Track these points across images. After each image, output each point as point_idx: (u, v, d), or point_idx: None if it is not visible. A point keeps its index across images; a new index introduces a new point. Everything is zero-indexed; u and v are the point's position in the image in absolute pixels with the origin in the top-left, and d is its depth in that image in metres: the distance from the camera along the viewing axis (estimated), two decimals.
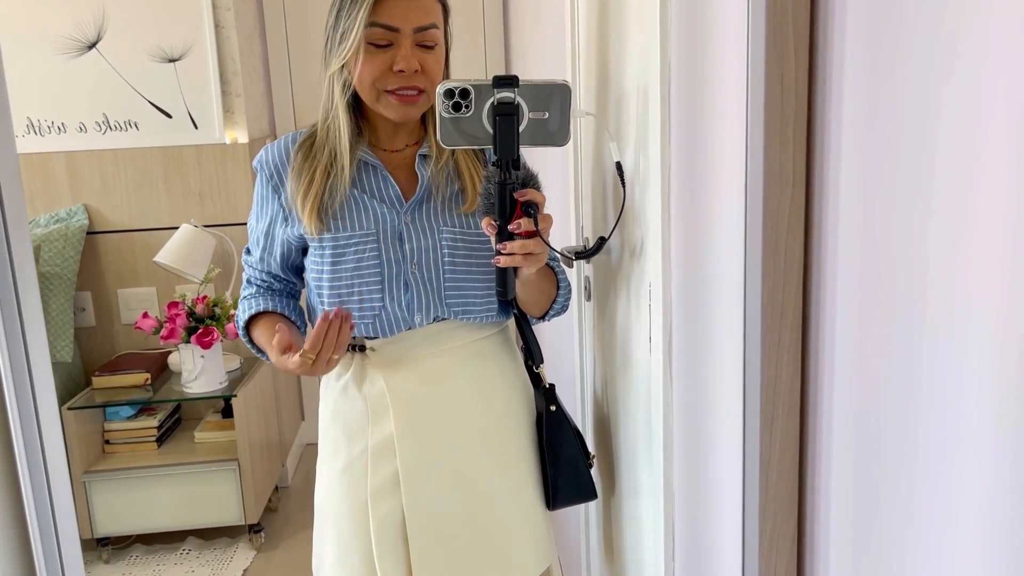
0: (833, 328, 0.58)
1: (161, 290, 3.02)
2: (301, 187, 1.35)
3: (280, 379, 3.23)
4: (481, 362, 1.41)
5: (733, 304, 0.74)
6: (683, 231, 0.93)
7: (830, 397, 0.59)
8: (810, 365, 0.61)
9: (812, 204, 0.60)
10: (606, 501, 1.58)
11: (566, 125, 1.13)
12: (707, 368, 0.85)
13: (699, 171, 0.85)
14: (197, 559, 2.77)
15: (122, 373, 2.79)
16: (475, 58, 3.47)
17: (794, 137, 0.58)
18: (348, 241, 1.34)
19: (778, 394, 0.61)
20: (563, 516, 2.30)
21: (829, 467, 0.60)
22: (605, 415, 1.56)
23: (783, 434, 0.62)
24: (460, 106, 1.11)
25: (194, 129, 2.99)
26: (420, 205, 1.35)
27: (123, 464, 2.72)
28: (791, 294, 0.60)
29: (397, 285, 1.34)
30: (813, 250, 0.60)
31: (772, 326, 0.60)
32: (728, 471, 0.78)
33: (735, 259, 0.72)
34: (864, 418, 0.56)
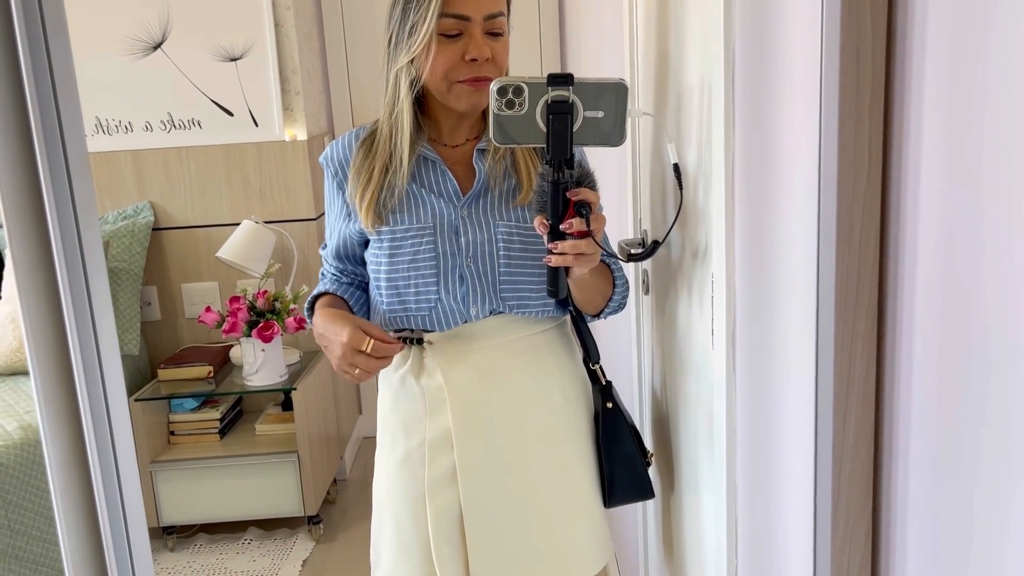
0: (912, 318, 0.56)
1: (223, 285, 3.08)
2: (360, 183, 1.37)
3: (338, 374, 3.27)
4: (538, 356, 1.40)
5: (801, 293, 0.71)
6: (747, 221, 0.91)
7: (908, 389, 0.56)
8: (886, 355, 0.59)
9: (889, 188, 0.57)
10: (665, 499, 1.56)
11: (622, 125, 1.11)
12: (772, 360, 0.82)
13: (765, 159, 0.83)
14: (258, 549, 2.82)
15: (186, 366, 2.86)
16: (531, 55, 3.46)
17: (870, 117, 0.56)
18: (405, 234, 1.35)
19: (852, 384, 0.58)
20: (620, 513, 2.27)
21: (907, 462, 0.57)
22: (664, 411, 1.53)
23: (857, 426, 0.59)
24: (513, 104, 1.10)
25: (255, 127, 3.04)
26: (477, 199, 1.36)
27: (187, 455, 2.79)
28: (866, 280, 0.57)
29: (453, 278, 1.34)
30: (890, 235, 0.57)
31: (846, 313, 0.57)
32: (795, 466, 0.75)
33: (804, 247, 0.70)
34: (945, 412, 0.53)
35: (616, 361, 2.10)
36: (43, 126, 0.55)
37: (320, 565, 2.72)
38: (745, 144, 0.90)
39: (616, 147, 1.13)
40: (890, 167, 0.57)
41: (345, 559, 2.74)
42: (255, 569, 2.70)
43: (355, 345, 1.26)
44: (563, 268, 1.18)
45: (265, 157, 3.03)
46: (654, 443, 1.61)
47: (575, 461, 1.40)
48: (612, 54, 1.94)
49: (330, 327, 1.32)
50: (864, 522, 0.61)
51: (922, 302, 0.55)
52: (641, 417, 1.71)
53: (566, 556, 1.38)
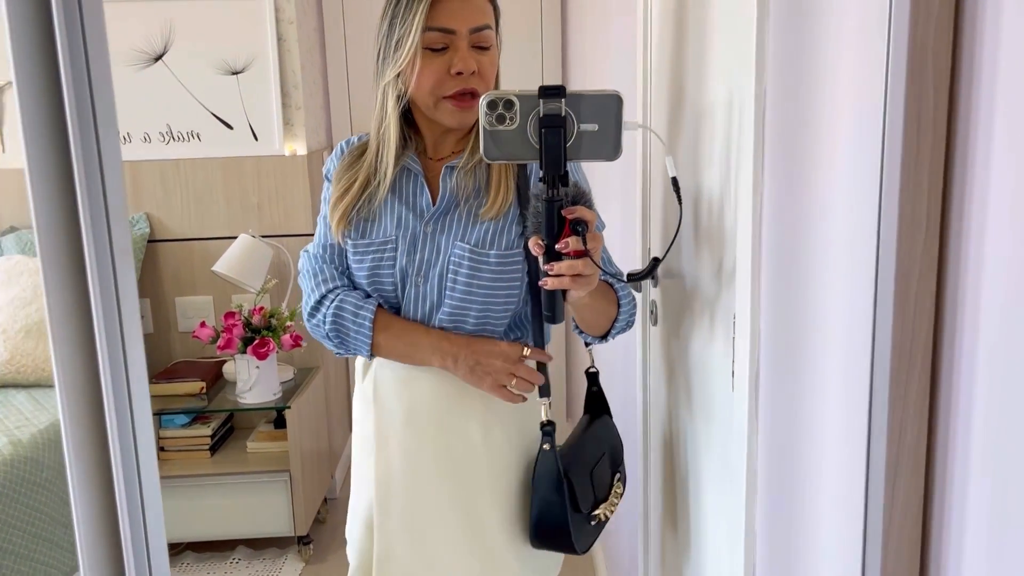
0: (971, 386, 0.54)
1: (218, 299, 3.05)
2: (339, 190, 1.39)
3: (332, 391, 3.24)
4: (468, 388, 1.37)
5: (838, 346, 0.69)
6: (776, 259, 0.89)
7: (965, 459, 0.55)
8: (939, 425, 0.57)
9: (947, 246, 0.55)
10: (670, 542, 1.54)
11: (617, 138, 1.07)
12: (801, 408, 0.80)
13: (798, 197, 0.81)
14: (247, 568, 2.78)
15: (178, 381, 2.82)
16: (532, 69, 3.45)
17: (930, 172, 0.54)
18: (367, 248, 1.36)
19: (903, 448, 0.57)
20: (617, 553, 2.25)
21: (961, 539, 0.55)
22: (672, 448, 1.51)
23: (906, 493, 0.57)
24: (504, 118, 1.06)
25: (254, 141, 3.01)
26: (443, 216, 1.35)
27: (177, 471, 2.74)
28: (920, 343, 0.55)
29: (411, 295, 1.35)
30: (947, 298, 0.55)
31: (899, 377, 0.55)
32: (826, 527, 0.73)
33: (844, 299, 0.68)
34: (998, 482, 0.51)
35: (618, 392, 2.08)
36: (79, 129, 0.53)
37: None
38: (776, 160, 0.88)
39: (611, 161, 1.10)
40: (949, 223, 0.55)
41: None
42: None
43: (517, 353, 1.32)
44: (560, 292, 1.14)
45: (264, 171, 3.01)
46: (662, 480, 1.58)
47: (483, 497, 1.37)
48: (622, 68, 1.93)
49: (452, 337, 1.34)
50: None
51: (984, 372, 0.53)
52: (646, 448, 1.69)
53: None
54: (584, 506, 1.34)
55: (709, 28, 1.20)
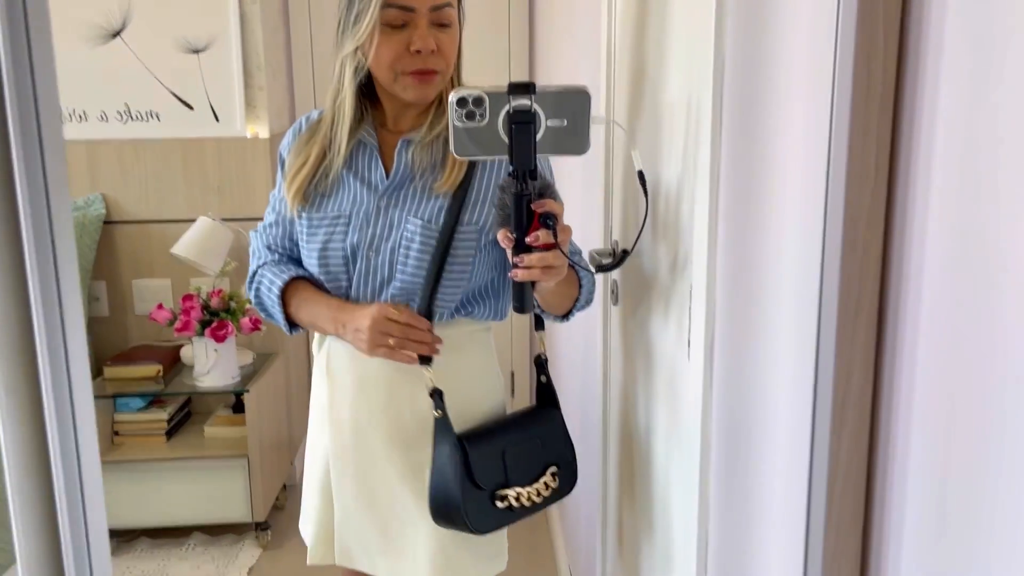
0: (916, 331, 0.55)
1: (176, 283, 3.00)
2: (296, 165, 1.39)
3: (292, 377, 3.21)
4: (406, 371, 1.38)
5: (790, 303, 0.70)
6: (731, 232, 0.90)
7: (908, 407, 0.56)
8: (884, 369, 0.58)
9: (895, 199, 0.56)
10: (631, 516, 1.55)
11: (585, 133, 1.08)
12: (754, 372, 0.81)
13: (754, 170, 0.82)
14: (203, 555, 2.74)
15: (134, 364, 2.77)
16: (499, 65, 3.45)
17: (879, 128, 0.55)
18: (320, 222, 1.36)
19: (848, 396, 0.57)
20: (573, 512, 2.26)
21: (904, 481, 0.56)
22: (632, 423, 1.52)
23: (851, 442, 0.58)
24: (474, 115, 1.06)
25: (215, 122, 2.97)
26: (397, 190, 1.35)
27: (132, 456, 2.69)
28: (867, 291, 0.56)
29: (361, 269, 1.35)
30: (893, 248, 0.56)
31: (846, 324, 0.56)
32: (776, 481, 0.74)
33: (795, 256, 0.69)
34: (945, 430, 0.52)
35: (579, 373, 2.09)
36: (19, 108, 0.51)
37: (267, 573, 2.65)
38: (732, 153, 0.89)
39: (580, 156, 1.11)
40: (896, 179, 0.56)
41: (292, 567, 2.67)
42: (199, 575, 2.62)
43: (385, 312, 1.30)
44: (529, 283, 1.14)
45: (225, 153, 2.96)
46: (619, 458, 1.59)
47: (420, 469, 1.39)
48: (588, 65, 1.94)
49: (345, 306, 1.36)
50: (854, 542, 0.60)
51: (926, 316, 0.54)
52: (606, 430, 1.70)
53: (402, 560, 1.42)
54: (484, 482, 1.30)
55: (669, 27, 1.22)
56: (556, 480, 1.39)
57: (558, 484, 1.40)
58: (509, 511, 1.34)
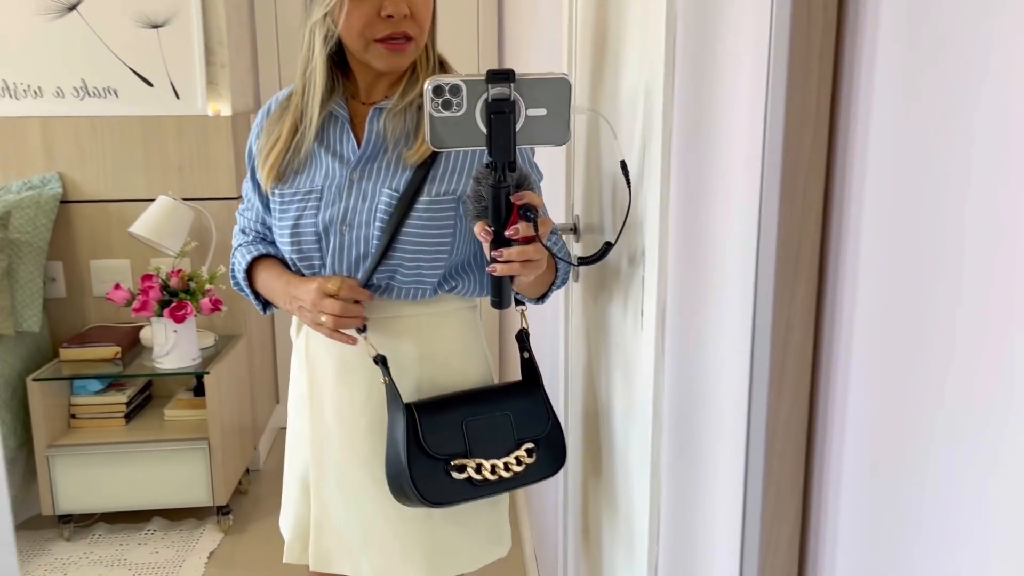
0: (854, 286, 0.53)
1: (135, 263, 2.94)
2: (270, 141, 1.35)
3: (256, 360, 3.16)
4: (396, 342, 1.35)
5: (738, 264, 0.69)
6: (683, 204, 0.88)
7: (847, 361, 0.54)
8: (825, 325, 0.56)
9: (835, 150, 0.55)
10: (591, 488, 1.54)
11: (566, 122, 1.04)
12: (705, 336, 0.80)
13: (701, 145, 0.80)
14: (162, 540, 2.70)
15: (91, 346, 2.71)
16: (467, 52, 3.41)
17: (819, 76, 0.53)
18: (292, 198, 1.32)
19: (788, 352, 0.56)
20: (538, 496, 2.25)
21: (842, 438, 0.55)
22: (593, 399, 1.51)
23: (791, 397, 0.57)
24: (451, 104, 1.00)
25: (176, 99, 2.91)
26: (370, 162, 1.31)
27: (89, 439, 2.64)
28: (807, 244, 0.55)
29: (335, 246, 1.31)
30: (834, 203, 0.55)
31: (786, 278, 0.55)
32: (724, 439, 0.73)
33: (743, 214, 0.67)
34: (884, 386, 0.51)
35: (549, 349, 2.07)
36: None
37: (228, 557, 2.61)
38: (683, 131, 0.87)
39: (560, 146, 1.08)
40: (837, 128, 0.54)
41: (255, 551, 2.63)
42: (157, 561, 2.58)
43: (323, 287, 1.27)
44: (508, 277, 1.09)
45: (186, 131, 2.90)
46: (583, 436, 1.58)
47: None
48: (551, 53, 1.91)
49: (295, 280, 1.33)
50: (795, 497, 0.58)
51: (865, 271, 0.52)
52: (567, 408, 1.68)
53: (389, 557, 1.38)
54: (436, 449, 1.26)
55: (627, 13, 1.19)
56: (532, 457, 1.34)
57: (536, 461, 1.34)
58: (470, 484, 1.29)
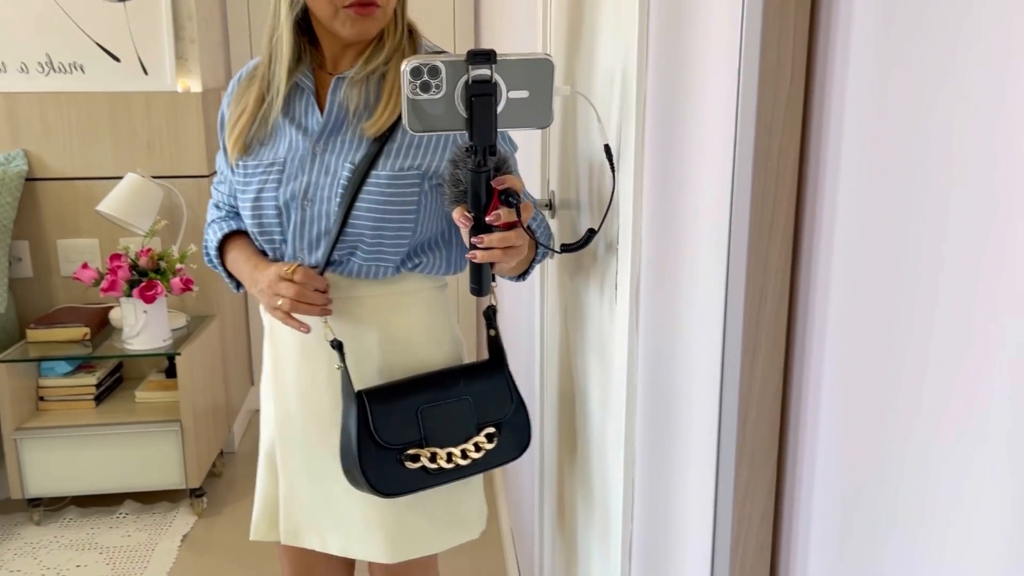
0: (830, 251, 0.52)
1: (104, 243, 2.88)
2: (235, 115, 1.32)
3: (229, 341, 3.12)
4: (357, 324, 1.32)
5: (712, 236, 0.67)
6: (658, 177, 0.86)
7: (822, 329, 0.52)
8: (799, 292, 0.54)
9: (810, 118, 0.52)
10: (565, 467, 1.52)
11: (548, 104, 1.00)
12: (679, 314, 0.78)
13: (675, 114, 0.78)
14: (135, 523, 2.66)
15: (59, 327, 2.66)
16: (444, 27, 3.36)
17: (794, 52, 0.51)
18: (255, 171, 1.29)
19: (762, 319, 0.54)
20: (515, 476, 2.24)
21: (817, 410, 0.53)
22: (569, 377, 1.49)
23: (765, 365, 0.55)
24: (429, 86, 0.96)
25: (144, 75, 2.84)
26: (333, 135, 1.27)
27: (58, 422, 2.59)
28: (782, 204, 0.53)
29: (296, 221, 1.28)
30: (810, 160, 0.53)
31: (760, 244, 0.53)
32: (698, 411, 0.71)
33: (716, 187, 0.65)
34: (858, 351, 0.49)
35: (525, 328, 2.05)
36: None
37: (202, 540, 2.58)
38: (657, 98, 0.85)
39: (542, 129, 1.04)
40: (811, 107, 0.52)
41: (230, 534, 2.61)
42: (129, 544, 2.54)
43: (280, 271, 1.24)
44: (488, 264, 1.06)
45: (155, 108, 2.84)
46: (558, 415, 1.56)
47: None
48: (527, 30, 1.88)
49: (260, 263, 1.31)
50: (768, 470, 0.57)
51: (841, 240, 0.51)
52: (543, 385, 1.67)
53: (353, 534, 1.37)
54: (389, 439, 1.24)
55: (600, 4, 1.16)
56: (493, 442, 1.31)
57: (497, 445, 1.31)
58: (424, 473, 1.26)
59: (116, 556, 2.48)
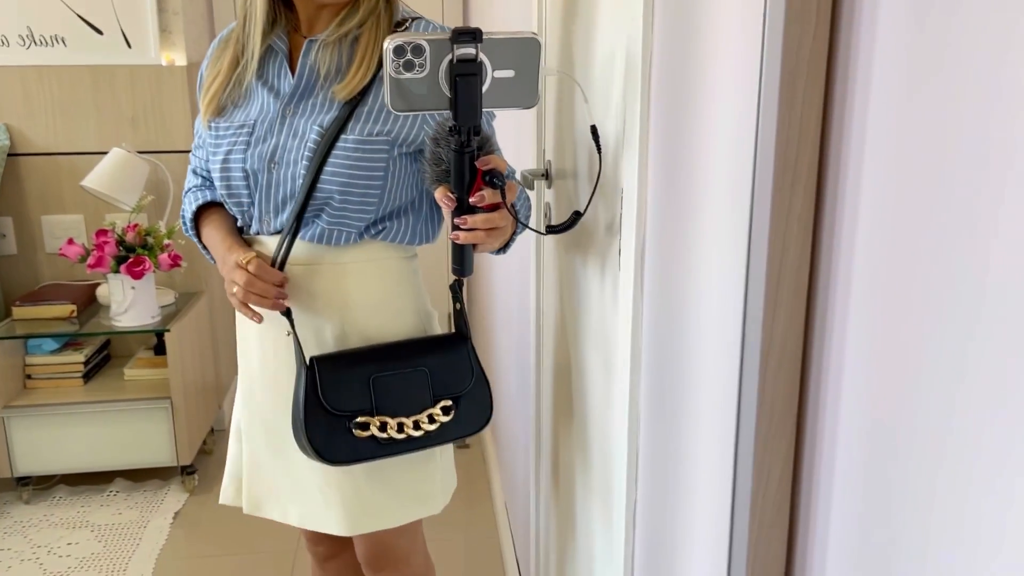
0: (856, 202, 0.51)
1: (89, 219, 2.84)
2: (209, 78, 1.31)
3: (218, 318, 3.09)
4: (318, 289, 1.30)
5: (729, 182, 0.65)
6: (664, 120, 0.85)
7: (847, 281, 0.51)
8: (823, 244, 0.53)
9: (837, 48, 0.51)
10: (561, 435, 1.52)
11: (534, 84, 0.98)
12: (689, 271, 0.77)
13: (687, 50, 0.77)
14: (125, 500, 2.64)
15: (45, 304, 2.62)
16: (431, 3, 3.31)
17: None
18: (225, 132, 1.28)
19: (784, 272, 0.53)
20: (509, 449, 2.24)
21: (840, 363, 0.52)
22: (567, 346, 1.48)
23: (786, 320, 0.54)
24: (413, 65, 0.93)
25: (127, 48, 2.79)
26: (303, 98, 1.26)
27: (46, 400, 2.57)
28: (806, 153, 0.52)
29: (263, 184, 1.27)
30: (835, 107, 0.52)
31: (782, 191, 0.51)
32: (711, 370, 0.70)
33: (733, 131, 0.64)
34: (883, 306, 0.48)
35: (516, 297, 2.04)
36: None
37: (194, 517, 2.57)
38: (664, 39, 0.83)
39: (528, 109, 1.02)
40: (839, 23, 0.51)
41: (221, 511, 2.59)
42: (121, 522, 2.53)
43: (238, 259, 1.23)
44: (471, 244, 1.05)
45: (139, 82, 2.79)
46: (554, 384, 1.56)
47: None
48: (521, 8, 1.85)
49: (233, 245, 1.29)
50: (789, 422, 0.56)
51: (868, 183, 0.50)
52: (539, 354, 1.66)
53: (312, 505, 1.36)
54: (336, 405, 1.23)
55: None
56: (449, 415, 1.29)
57: (454, 418, 1.30)
58: (374, 443, 1.25)
59: (108, 534, 2.46)
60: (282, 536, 2.42)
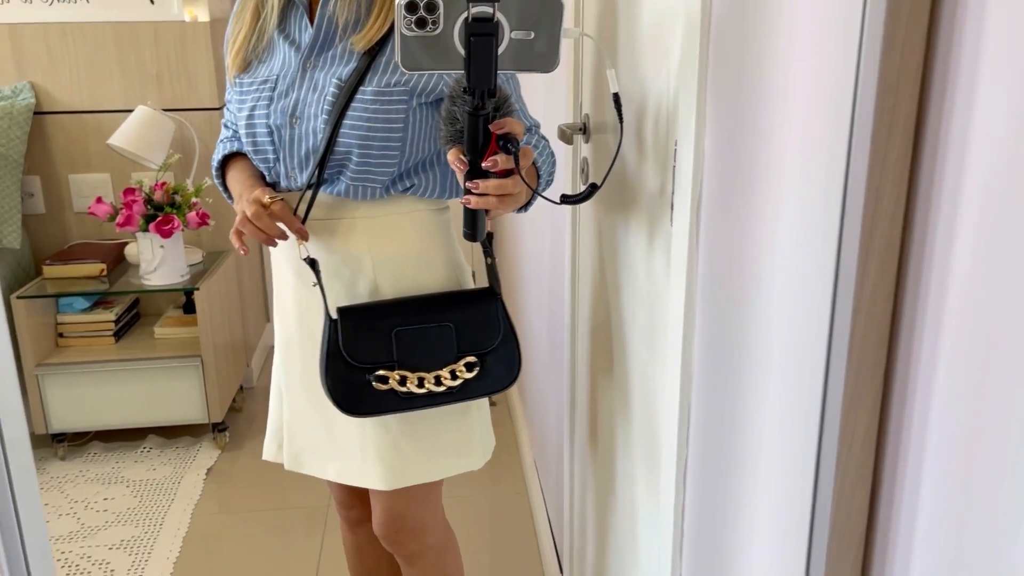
0: (962, 150, 0.48)
1: (116, 177, 2.83)
2: (234, 32, 1.31)
3: (245, 276, 3.10)
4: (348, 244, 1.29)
5: (812, 139, 0.63)
6: (725, 76, 0.82)
7: (949, 229, 0.49)
8: (920, 190, 0.51)
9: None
10: (601, 390, 1.51)
11: (555, 47, 0.93)
12: (750, 227, 0.74)
13: None
14: (159, 457, 2.68)
15: (75, 263, 2.63)
16: None
17: None
18: (249, 87, 1.27)
19: (877, 222, 0.51)
20: (540, 406, 2.24)
21: (939, 315, 0.50)
22: (606, 305, 1.46)
23: (878, 270, 0.52)
24: (425, 22, 0.89)
25: (150, 4, 2.75)
26: (324, 50, 1.24)
27: (78, 358, 2.59)
28: (904, 99, 0.49)
29: (286, 138, 1.25)
30: (939, 50, 0.49)
31: (879, 138, 0.49)
32: (774, 330, 0.68)
33: (828, 72, 0.61)
34: (988, 260, 0.45)
35: (548, 250, 2.02)
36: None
37: (226, 473, 2.60)
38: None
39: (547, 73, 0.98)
40: None
41: (252, 467, 2.62)
42: (155, 477, 2.56)
43: (259, 198, 1.21)
44: (483, 210, 1.02)
45: (162, 38, 2.76)
46: (590, 339, 1.54)
47: None
48: None
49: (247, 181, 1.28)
50: (876, 379, 0.54)
51: (977, 134, 0.47)
52: (574, 312, 1.64)
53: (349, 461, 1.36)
54: (356, 356, 1.23)
55: None
56: (473, 371, 1.28)
57: (477, 375, 1.28)
58: (395, 396, 1.24)
59: (143, 489, 2.50)
60: (315, 492, 2.44)
